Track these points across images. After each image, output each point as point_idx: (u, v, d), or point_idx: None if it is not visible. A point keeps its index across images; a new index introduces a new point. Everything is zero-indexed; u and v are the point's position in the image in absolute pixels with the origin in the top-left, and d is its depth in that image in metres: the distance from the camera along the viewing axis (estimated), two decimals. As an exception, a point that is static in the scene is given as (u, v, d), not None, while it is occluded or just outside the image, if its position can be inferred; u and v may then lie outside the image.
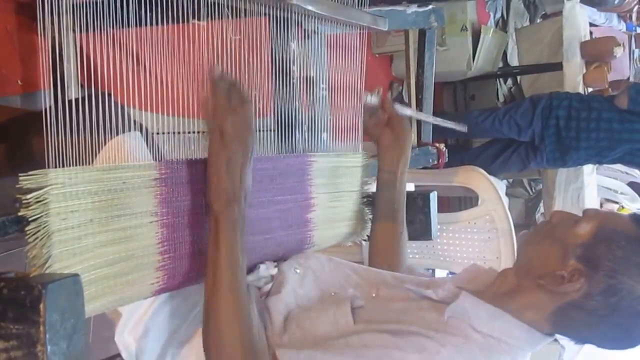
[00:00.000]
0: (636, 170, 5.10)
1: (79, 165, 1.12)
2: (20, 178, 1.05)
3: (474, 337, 1.33)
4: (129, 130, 1.31)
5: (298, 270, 1.57)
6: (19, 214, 1.06)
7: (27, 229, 1.06)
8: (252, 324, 1.29)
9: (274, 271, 1.55)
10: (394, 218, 1.85)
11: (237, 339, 1.24)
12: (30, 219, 1.06)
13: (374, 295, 1.51)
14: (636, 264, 1.30)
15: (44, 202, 1.06)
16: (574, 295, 1.33)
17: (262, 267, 1.53)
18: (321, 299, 1.53)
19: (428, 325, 1.34)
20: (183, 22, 1.30)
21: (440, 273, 3.40)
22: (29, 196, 1.05)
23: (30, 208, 1.05)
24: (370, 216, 1.89)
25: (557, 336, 1.44)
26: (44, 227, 1.07)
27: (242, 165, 1.30)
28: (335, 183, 1.77)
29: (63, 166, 1.09)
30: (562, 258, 1.34)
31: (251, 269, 1.53)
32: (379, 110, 1.87)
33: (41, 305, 0.96)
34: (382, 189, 1.86)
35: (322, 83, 1.72)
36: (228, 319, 1.25)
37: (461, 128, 2.17)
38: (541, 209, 5.41)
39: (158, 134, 1.39)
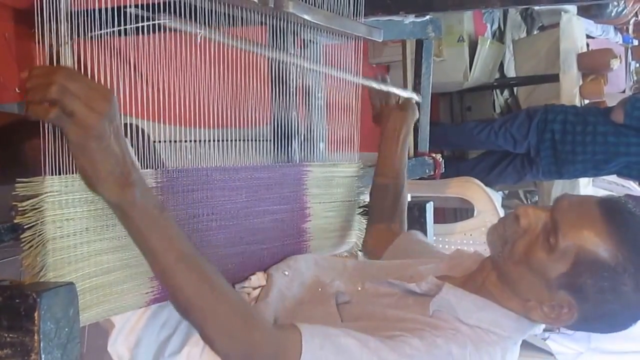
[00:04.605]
0: (632, 182, 5.11)
1: (75, 173, 1.12)
2: (17, 185, 1.05)
3: (461, 329, 1.32)
4: (126, 137, 1.31)
5: (286, 273, 1.56)
6: (15, 221, 1.05)
7: (22, 236, 1.05)
8: (223, 283, 1.18)
9: (265, 282, 1.55)
10: (396, 177, 1.89)
11: (221, 302, 1.14)
12: (25, 227, 1.05)
13: (359, 288, 1.50)
14: (624, 291, 1.27)
15: (39, 209, 1.06)
16: (566, 320, 1.33)
17: (254, 278, 1.53)
18: (308, 297, 1.52)
19: (416, 318, 1.33)
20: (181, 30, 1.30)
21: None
22: (24, 204, 1.05)
23: (26, 216, 1.05)
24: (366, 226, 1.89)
25: (552, 345, 1.44)
26: (40, 235, 1.07)
27: (115, 136, 1.05)
28: (331, 193, 1.77)
29: (59, 174, 1.09)
30: (547, 287, 1.31)
31: (243, 280, 1.53)
32: (389, 96, 1.92)
33: (36, 314, 0.96)
34: (384, 148, 1.90)
35: (319, 93, 1.72)
36: (195, 289, 1.12)
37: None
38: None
39: (155, 142, 1.39)
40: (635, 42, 6.40)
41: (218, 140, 1.39)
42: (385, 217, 1.88)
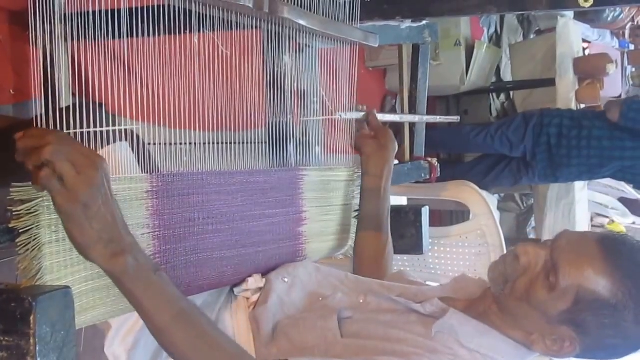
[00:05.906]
0: (626, 186, 5.12)
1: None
2: (12, 190, 1.04)
3: (460, 354, 1.34)
4: (121, 140, 1.31)
5: (286, 279, 1.57)
6: (10, 225, 1.05)
7: (18, 240, 1.05)
8: (219, 334, 1.21)
9: (262, 284, 1.55)
10: (378, 227, 1.83)
11: (217, 356, 1.16)
12: (21, 231, 1.05)
13: (361, 301, 1.51)
14: (625, 326, 1.29)
15: (35, 213, 1.06)
16: (569, 352, 1.35)
17: (251, 280, 1.53)
18: (308, 306, 1.53)
19: (416, 340, 1.34)
20: (175, 33, 1.30)
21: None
22: (20, 208, 1.05)
23: (22, 220, 1.05)
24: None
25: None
26: (35, 239, 1.06)
27: (104, 203, 1.05)
28: (326, 197, 1.77)
29: (55, 178, 1.09)
30: (548, 323, 1.34)
31: (240, 282, 1.53)
32: (364, 125, 1.86)
33: (32, 318, 0.96)
34: (366, 196, 1.83)
35: (315, 96, 1.72)
36: (192, 346, 1.14)
37: (452, 119, 2.25)
38: (532, 223, 5.42)
39: (149, 144, 1.39)
40: (632, 47, 6.40)
41: (214, 143, 1.39)
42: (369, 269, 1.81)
